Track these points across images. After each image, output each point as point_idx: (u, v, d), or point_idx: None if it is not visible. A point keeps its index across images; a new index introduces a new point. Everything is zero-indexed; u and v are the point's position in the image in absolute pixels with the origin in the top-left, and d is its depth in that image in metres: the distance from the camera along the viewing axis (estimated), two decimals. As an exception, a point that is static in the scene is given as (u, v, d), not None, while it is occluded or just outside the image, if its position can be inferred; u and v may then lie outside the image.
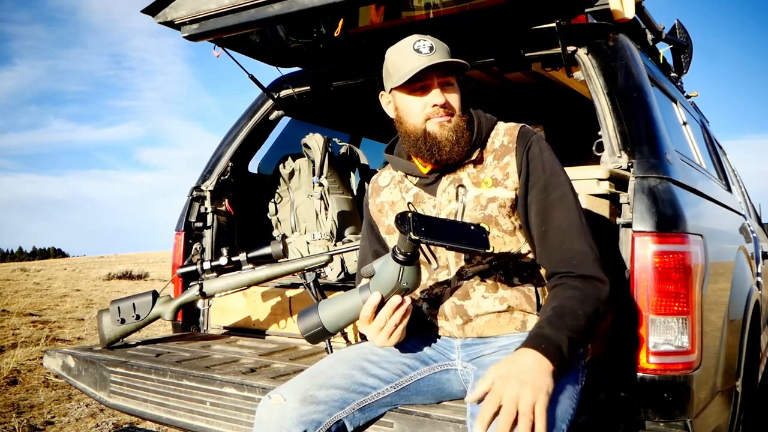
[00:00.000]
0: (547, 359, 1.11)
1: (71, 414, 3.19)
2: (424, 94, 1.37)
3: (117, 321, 1.99)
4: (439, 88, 1.37)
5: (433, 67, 1.33)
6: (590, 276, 1.27)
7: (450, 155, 1.37)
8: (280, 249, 1.97)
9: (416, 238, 1.12)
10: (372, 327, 1.26)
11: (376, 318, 1.25)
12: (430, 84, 1.36)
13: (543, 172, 1.35)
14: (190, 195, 2.47)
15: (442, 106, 1.36)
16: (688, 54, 2.76)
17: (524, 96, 3.19)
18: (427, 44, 1.36)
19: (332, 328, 1.28)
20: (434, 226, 1.16)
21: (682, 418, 1.52)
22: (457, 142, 1.36)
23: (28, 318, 6.39)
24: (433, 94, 1.36)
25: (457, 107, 1.38)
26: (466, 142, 1.38)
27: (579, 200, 1.37)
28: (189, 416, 1.62)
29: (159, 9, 2.05)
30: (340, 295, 1.31)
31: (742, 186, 3.84)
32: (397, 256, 1.19)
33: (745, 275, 2.27)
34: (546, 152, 1.38)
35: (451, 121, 1.37)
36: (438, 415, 1.28)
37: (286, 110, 2.65)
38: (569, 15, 1.95)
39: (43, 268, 17.55)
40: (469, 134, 1.39)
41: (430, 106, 1.36)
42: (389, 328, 1.25)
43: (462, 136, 1.37)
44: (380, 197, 1.54)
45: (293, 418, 1.20)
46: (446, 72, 1.37)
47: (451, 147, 1.36)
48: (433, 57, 1.34)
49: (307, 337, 1.29)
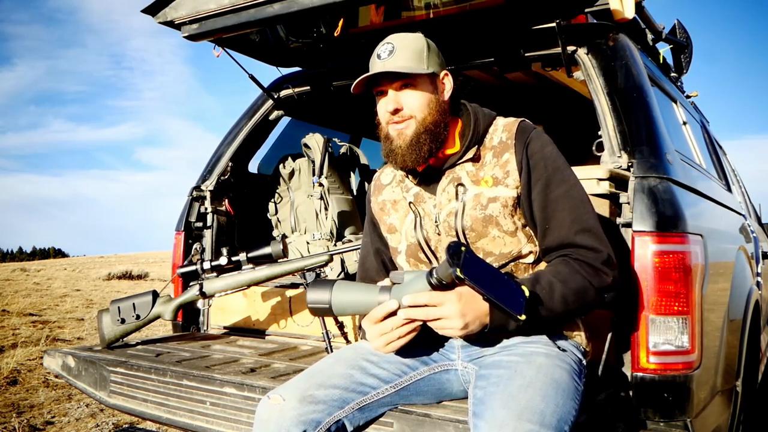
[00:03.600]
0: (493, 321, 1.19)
1: (71, 414, 3.19)
2: (383, 98, 1.38)
3: (117, 321, 1.99)
4: (397, 90, 1.36)
5: (384, 73, 1.33)
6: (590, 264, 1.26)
7: (405, 162, 1.36)
8: (280, 249, 1.97)
9: (462, 277, 1.10)
10: (376, 329, 1.23)
11: (384, 323, 1.22)
12: (385, 89, 1.37)
13: (545, 169, 1.34)
14: (190, 195, 2.47)
15: (394, 112, 1.35)
16: (688, 54, 2.76)
17: (524, 96, 3.19)
18: (388, 48, 1.36)
19: (337, 311, 1.28)
20: (482, 270, 1.14)
21: (682, 418, 1.52)
22: (410, 149, 1.34)
23: (28, 318, 6.39)
24: (385, 100, 1.37)
25: (418, 109, 1.35)
26: (425, 146, 1.34)
27: (586, 194, 1.35)
28: (189, 416, 1.62)
29: (159, 9, 2.05)
30: (360, 286, 1.29)
31: (742, 186, 3.84)
32: (432, 279, 1.17)
33: (745, 275, 2.27)
34: (548, 147, 1.36)
35: (408, 126, 1.35)
36: (438, 415, 1.28)
37: (286, 110, 2.65)
38: (569, 15, 1.95)
39: (43, 268, 17.55)
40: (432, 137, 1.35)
41: (385, 111, 1.37)
42: (391, 337, 1.23)
43: (419, 142, 1.34)
44: (382, 195, 1.54)
45: (292, 418, 1.20)
46: (398, 76, 1.35)
47: (403, 155, 1.35)
48: (387, 62, 1.33)
49: (311, 308, 1.29)
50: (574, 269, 1.26)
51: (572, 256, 1.28)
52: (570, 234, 1.29)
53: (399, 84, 1.35)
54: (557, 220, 1.31)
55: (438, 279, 1.16)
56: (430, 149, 1.35)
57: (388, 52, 1.34)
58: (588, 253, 1.27)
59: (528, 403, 1.11)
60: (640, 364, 1.52)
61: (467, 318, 1.16)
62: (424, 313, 1.18)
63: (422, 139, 1.34)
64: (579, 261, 1.27)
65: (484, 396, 1.18)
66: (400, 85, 1.35)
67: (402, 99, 1.35)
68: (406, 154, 1.35)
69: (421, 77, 1.36)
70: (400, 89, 1.36)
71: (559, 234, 1.31)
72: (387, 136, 1.38)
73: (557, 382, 1.19)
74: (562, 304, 1.23)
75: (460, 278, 1.10)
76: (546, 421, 1.08)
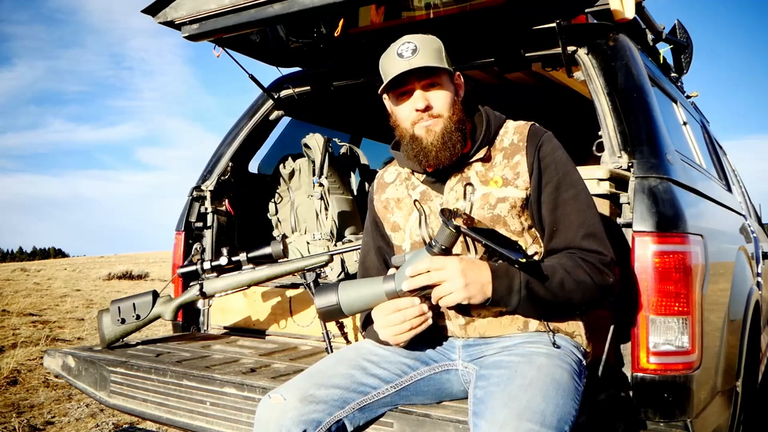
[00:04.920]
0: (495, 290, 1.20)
1: (71, 414, 3.19)
2: (409, 98, 1.37)
3: (117, 321, 1.99)
4: (424, 89, 1.36)
5: (413, 71, 1.32)
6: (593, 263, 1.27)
7: (438, 160, 1.36)
8: (280, 249, 1.97)
9: (459, 226, 1.14)
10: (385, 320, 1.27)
11: (393, 315, 1.25)
12: (413, 88, 1.36)
13: (556, 172, 1.35)
14: (190, 195, 2.47)
15: (424, 110, 1.35)
16: (689, 54, 2.76)
17: (524, 96, 3.19)
18: (410, 47, 1.35)
19: (348, 310, 1.29)
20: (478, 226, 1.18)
21: (683, 418, 1.52)
22: (443, 146, 1.34)
23: (28, 318, 6.39)
24: (414, 98, 1.36)
25: (445, 108, 1.36)
26: (457, 144, 1.35)
27: (592, 198, 1.36)
28: (189, 416, 1.62)
29: (159, 9, 2.05)
30: (363, 281, 1.31)
31: (742, 186, 3.84)
32: (434, 249, 1.19)
33: (745, 275, 2.26)
34: (558, 151, 1.37)
35: (437, 124, 1.35)
36: (438, 415, 1.28)
37: (286, 110, 2.65)
38: (569, 15, 1.95)
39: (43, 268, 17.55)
40: (460, 136, 1.36)
41: (413, 110, 1.36)
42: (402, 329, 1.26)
43: (451, 139, 1.35)
44: (386, 194, 1.54)
45: (293, 418, 1.20)
46: (427, 74, 1.35)
47: (436, 152, 1.35)
48: (413, 60, 1.33)
49: (321, 313, 1.29)
50: (577, 263, 1.27)
51: (577, 255, 1.29)
52: (576, 238, 1.30)
53: (426, 82, 1.35)
54: (565, 223, 1.32)
55: (438, 245, 1.19)
56: (460, 146, 1.36)
57: (412, 51, 1.33)
58: (592, 255, 1.29)
59: (528, 403, 1.11)
60: (640, 364, 1.52)
61: (468, 278, 1.18)
62: (426, 278, 1.19)
63: (454, 137, 1.35)
64: (583, 259, 1.28)
65: (485, 396, 1.18)
66: (427, 83, 1.36)
67: (429, 97, 1.36)
68: (440, 150, 1.35)
69: (445, 75, 1.37)
70: (427, 88, 1.36)
71: (566, 237, 1.32)
72: (414, 137, 1.37)
73: (558, 382, 1.19)
74: (560, 289, 1.24)
75: (458, 228, 1.14)
76: (546, 421, 1.08)
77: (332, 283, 1.31)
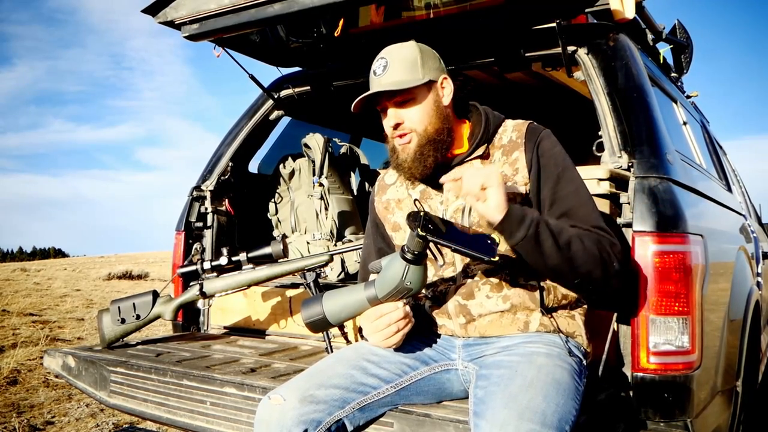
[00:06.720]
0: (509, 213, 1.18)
1: (71, 414, 3.19)
2: (385, 115, 1.40)
3: (117, 321, 1.99)
4: (396, 106, 1.37)
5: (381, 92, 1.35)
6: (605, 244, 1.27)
7: (412, 175, 1.39)
8: (280, 249, 1.97)
9: (423, 234, 1.13)
10: (372, 326, 1.29)
11: (380, 320, 1.28)
12: (384, 106, 1.39)
13: (555, 167, 1.35)
14: (190, 195, 2.47)
15: (395, 128, 1.38)
16: (689, 54, 2.76)
17: (524, 96, 3.19)
18: (382, 63, 1.37)
19: (334, 320, 1.31)
20: (446, 227, 1.18)
21: (683, 418, 1.52)
22: (415, 161, 1.37)
23: (28, 318, 6.39)
24: (388, 117, 1.39)
25: (418, 122, 1.37)
26: (431, 157, 1.36)
27: (591, 196, 1.37)
28: (189, 416, 1.62)
29: (159, 9, 2.05)
30: (346, 289, 1.32)
31: (742, 186, 3.84)
32: (405, 254, 1.20)
33: (745, 275, 2.27)
34: (557, 147, 1.38)
35: (411, 139, 1.37)
36: (438, 415, 1.28)
37: (286, 110, 2.65)
38: (569, 15, 1.95)
39: (43, 268, 17.55)
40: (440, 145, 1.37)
41: (388, 127, 1.40)
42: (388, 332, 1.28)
43: (424, 154, 1.36)
44: (386, 195, 1.54)
45: (293, 418, 1.20)
46: (393, 93, 1.36)
47: (409, 167, 1.38)
48: (382, 79, 1.35)
49: (308, 324, 1.31)
50: (591, 236, 1.26)
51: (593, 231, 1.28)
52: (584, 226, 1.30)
53: (397, 100, 1.37)
54: (568, 215, 1.32)
55: (410, 252, 1.19)
56: (435, 159, 1.37)
57: (383, 68, 1.36)
58: (605, 237, 1.28)
59: (529, 403, 1.11)
60: (640, 364, 1.52)
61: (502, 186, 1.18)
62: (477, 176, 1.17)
63: (426, 150, 1.36)
64: (598, 234, 1.27)
65: (485, 396, 1.18)
66: (398, 101, 1.37)
67: (401, 114, 1.37)
68: (413, 167, 1.38)
69: (418, 89, 1.37)
70: (399, 105, 1.37)
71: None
72: (393, 150, 1.41)
73: (558, 382, 1.19)
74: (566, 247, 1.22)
75: (423, 237, 1.14)
76: (547, 421, 1.08)
77: (317, 295, 1.33)
